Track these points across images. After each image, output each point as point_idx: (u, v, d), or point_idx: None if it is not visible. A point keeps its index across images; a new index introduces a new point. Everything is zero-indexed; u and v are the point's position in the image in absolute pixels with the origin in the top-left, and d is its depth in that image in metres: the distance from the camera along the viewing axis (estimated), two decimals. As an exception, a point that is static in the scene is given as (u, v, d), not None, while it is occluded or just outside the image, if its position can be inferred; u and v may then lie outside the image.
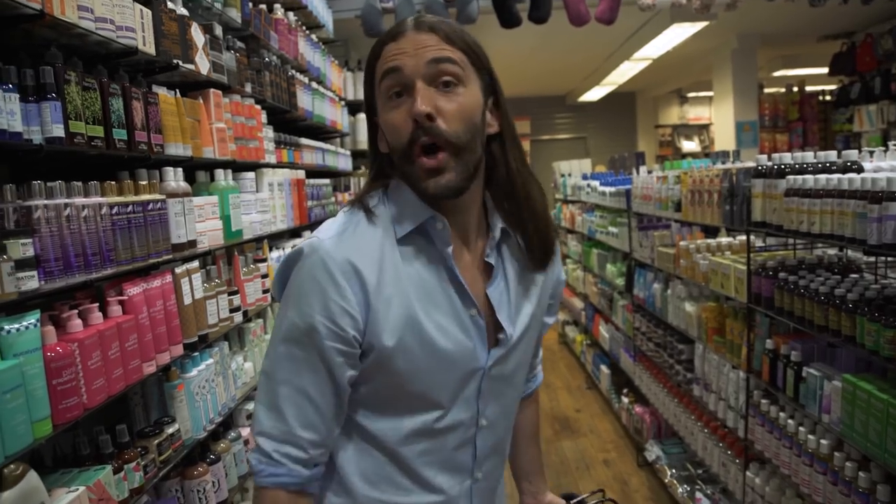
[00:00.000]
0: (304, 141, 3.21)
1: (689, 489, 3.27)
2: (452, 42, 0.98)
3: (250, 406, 2.37)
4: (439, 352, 0.99)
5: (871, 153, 2.18)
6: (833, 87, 6.87)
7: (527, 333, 1.11)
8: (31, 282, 1.24)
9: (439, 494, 1.06)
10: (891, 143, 2.21)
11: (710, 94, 7.91)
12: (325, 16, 3.84)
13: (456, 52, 0.98)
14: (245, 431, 2.25)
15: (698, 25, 5.11)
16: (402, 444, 1.03)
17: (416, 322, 0.98)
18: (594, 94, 9.06)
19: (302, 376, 0.97)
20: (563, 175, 6.69)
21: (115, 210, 1.52)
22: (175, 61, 1.85)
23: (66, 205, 1.36)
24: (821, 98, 6.98)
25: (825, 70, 6.56)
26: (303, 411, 0.97)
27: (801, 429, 2.14)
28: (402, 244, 1.00)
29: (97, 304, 1.49)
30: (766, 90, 7.32)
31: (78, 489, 1.34)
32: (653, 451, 3.79)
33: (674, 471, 3.50)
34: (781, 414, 2.28)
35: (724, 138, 6.71)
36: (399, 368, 0.98)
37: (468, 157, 0.98)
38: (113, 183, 1.58)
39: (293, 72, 3.10)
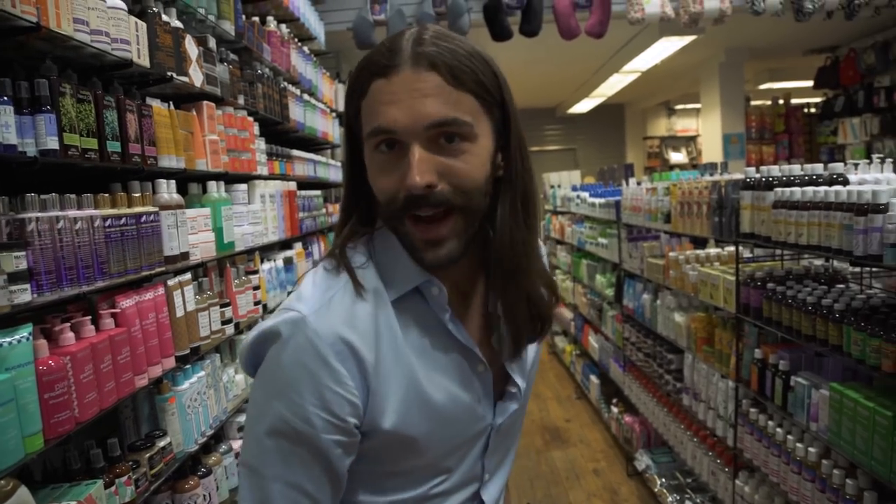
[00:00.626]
0: (295, 153, 3.22)
1: (678, 498, 3.28)
2: (459, 82, 0.79)
3: (242, 418, 2.36)
4: (447, 420, 0.88)
5: (856, 165, 2.22)
6: (818, 100, 6.97)
7: (531, 376, 1.00)
8: (23, 295, 1.24)
9: None
10: (875, 156, 2.25)
11: (698, 106, 7.99)
12: (317, 28, 3.85)
13: (463, 98, 0.79)
14: (236, 444, 2.25)
15: (686, 39, 5.17)
16: None
17: (420, 394, 0.85)
18: (583, 106, 9.13)
19: (295, 472, 0.82)
20: (552, 186, 6.73)
21: (108, 222, 1.52)
22: (169, 74, 1.85)
23: (60, 217, 1.36)
24: (806, 111, 7.08)
25: (810, 83, 6.65)
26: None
27: (789, 437, 2.16)
28: (396, 306, 0.85)
29: (90, 317, 1.49)
30: (753, 103, 7.40)
31: None
32: (642, 461, 3.80)
33: (663, 480, 3.51)
34: (770, 422, 2.30)
35: (712, 150, 6.78)
36: (404, 445, 0.86)
37: (473, 218, 0.83)
38: (106, 195, 1.58)
39: (285, 84, 3.11)
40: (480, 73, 0.81)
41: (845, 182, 2.06)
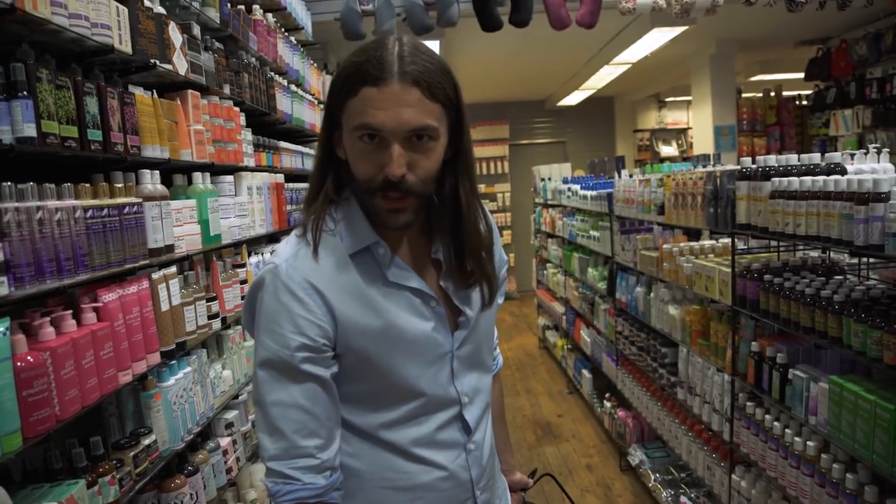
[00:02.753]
0: (283, 144, 3.16)
1: (673, 493, 3.26)
2: (434, 96, 1.00)
3: (230, 415, 2.31)
4: (407, 342, 1.08)
5: (852, 156, 2.20)
6: (809, 91, 6.96)
7: (483, 313, 1.19)
8: (0, 288, 1.19)
9: (440, 470, 1.13)
10: (871, 146, 2.22)
11: (689, 98, 7.97)
12: (304, 18, 3.79)
13: (435, 108, 1.01)
14: (224, 441, 2.20)
15: (677, 30, 5.13)
16: (394, 433, 1.10)
17: (381, 321, 1.06)
18: (573, 99, 9.08)
19: (289, 391, 1.02)
20: (542, 179, 6.69)
21: (89, 213, 1.46)
22: (152, 61, 1.80)
23: (39, 208, 1.31)
24: (797, 102, 7.07)
25: (802, 75, 6.64)
26: (300, 423, 1.02)
27: (787, 431, 2.14)
28: (354, 259, 1.08)
29: (70, 312, 1.44)
30: (744, 95, 7.39)
31: (50, 505, 1.29)
32: (636, 456, 3.78)
33: (657, 475, 3.49)
34: (767, 416, 2.27)
35: (703, 142, 6.76)
36: (375, 364, 1.07)
37: (426, 199, 1.08)
38: (87, 185, 1.53)
39: (272, 74, 3.05)
40: (447, 87, 1.03)
41: (843, 172, 2.04)
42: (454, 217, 1.12)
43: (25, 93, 1.29)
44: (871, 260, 2.35)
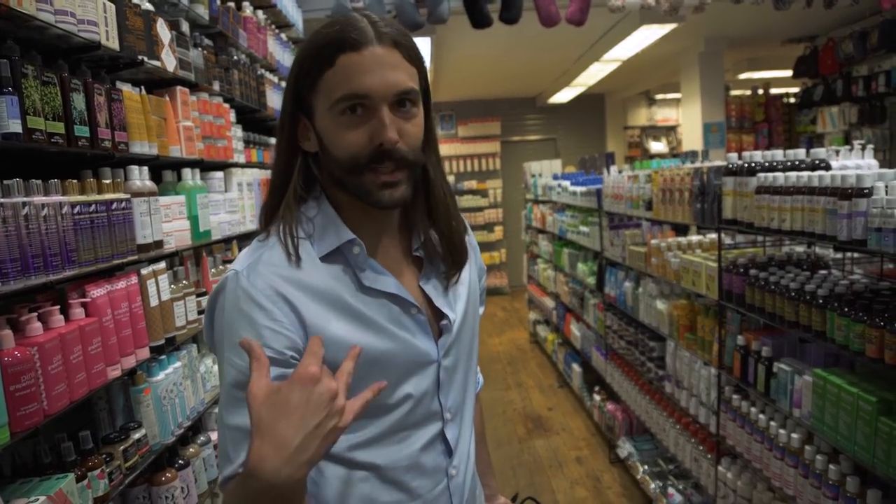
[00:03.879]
0: (273, 140, 3.17)
1: (661, 485, 3.29)
2: (412, 60, 0.96)
3: (220, 410, 2.31)
4: (382, 351, 0.97)
5: (837, 152, 2.22)
6: (797, 89, 7.01)
7: (466, 319, 1.11)
8: (-13, 283, 1.19)
9: (417, 500, 1.03)
10: (856, 142, 2.25)
11: (678, 96, 8.00)
12: (294, 15, 3.79)
13: (413, 72, 0.96)
14: (215, 435, 2.20)
15: (667, 28, 5.16)
16: (369, 453, 0.99)
17: (359, 334, 0.96)
18: (564, 96, 9.10)
19: (244, 415, 0.85)
20: (533, 175, 6.71)
21: (76, 209, 1.47)
22: (140, 57, 1.80)
23: (25, 203, 1.31)
24: (785, 100, 7.12)
25: (789, 73, 6.69)
26: None
27: (772, 423, 2.16)
28: (325, 262, 0.97)
29: (58, 307, 1.44)
30: (733, 92, 7.43)
31: (39, 499, 1.29)
32: (625, 448, 3.81)
33: (646, 467, 3.52)
34: (752, 409, 2.30)
35: (692, 139, 6.80)
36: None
37: (417, 170, 1.00)
38: (75, 181, 1.53)
39: (262, 71, 3.05)
40: (418, 52, 0.99)
41: (827, 167, 2.06)
42: (427, 197, 1.05)
43: (11, 89, 1.29)
44: (855, 255, 2.38)
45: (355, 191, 0.97)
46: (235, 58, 2.66)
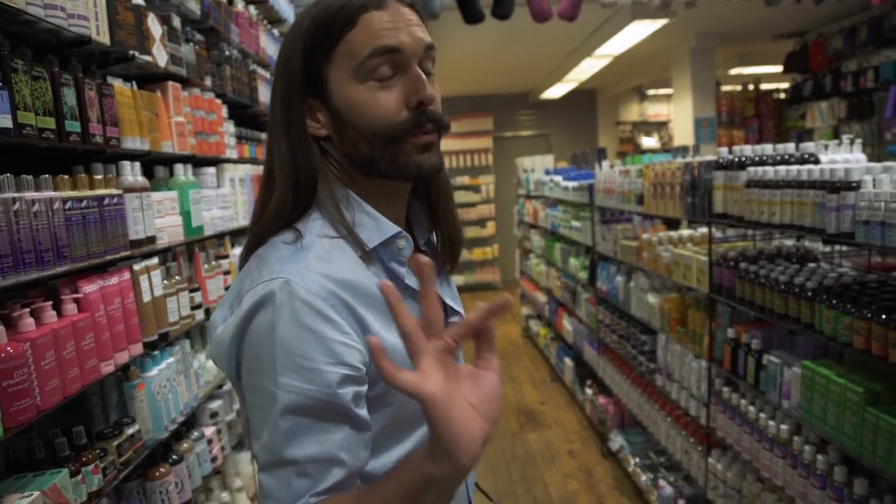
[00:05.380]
0: (265, 136, 3.16)
1: (652, 477, 3.31)
2: (421, 18, 0.92)
3: (214, 405, 2.32)
4: None
5: (826, 146, 2.24)
6: (787, 84, 7.05)
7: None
8: (-21, 279, 1.19)
9: None
10: (844, 136, 2.27)
11: (670, 91, 8.03)
12: (286, 10, 3.77)
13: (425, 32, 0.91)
14: (209, 431, 2.21)
15: (658, 23, 5.17)
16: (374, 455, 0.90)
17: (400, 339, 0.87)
18: (556, 92, 9.11)
19: (325, 443, 0.78)
20: (525, 171, 6.72)
21: (68, 205, 1.46)
22: (131, 52, 1.79)
23: (16, 199, 1.31)
24: (775, 96, 7.15)
25: (779, 68, 6.72)
26: (340, 483, 0.79)
27: (761, 415, 2.19)
28: (366, 262, 0.87)
29: (51, 303, 1.44)
30: (724, 88, 7.47)
31: (33, 494, 1.29)
32: (616, 441, 3.84)
33: (637, 459, 3.55)
34: (742, 401, 2.32)
35: (683, 134, 6.82)
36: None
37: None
38: (66, 177, 1.52)
39: (254, 66, 3.04)
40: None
41: (816, 161, 2.08)
42: (427, 188, 1.00)
43: (0, 84, 1.29)
44: (844, 248, 2.41)
45: (388, 165, 0.87)
46: (227, 53, 2.66)
